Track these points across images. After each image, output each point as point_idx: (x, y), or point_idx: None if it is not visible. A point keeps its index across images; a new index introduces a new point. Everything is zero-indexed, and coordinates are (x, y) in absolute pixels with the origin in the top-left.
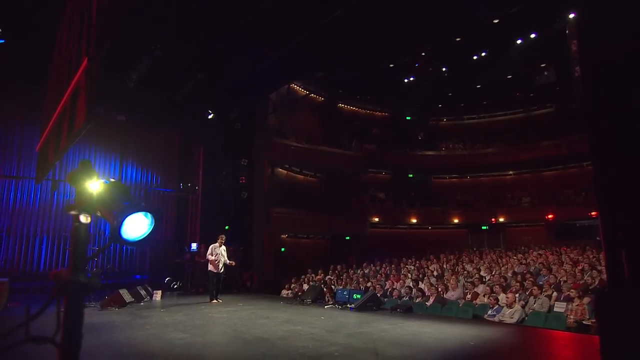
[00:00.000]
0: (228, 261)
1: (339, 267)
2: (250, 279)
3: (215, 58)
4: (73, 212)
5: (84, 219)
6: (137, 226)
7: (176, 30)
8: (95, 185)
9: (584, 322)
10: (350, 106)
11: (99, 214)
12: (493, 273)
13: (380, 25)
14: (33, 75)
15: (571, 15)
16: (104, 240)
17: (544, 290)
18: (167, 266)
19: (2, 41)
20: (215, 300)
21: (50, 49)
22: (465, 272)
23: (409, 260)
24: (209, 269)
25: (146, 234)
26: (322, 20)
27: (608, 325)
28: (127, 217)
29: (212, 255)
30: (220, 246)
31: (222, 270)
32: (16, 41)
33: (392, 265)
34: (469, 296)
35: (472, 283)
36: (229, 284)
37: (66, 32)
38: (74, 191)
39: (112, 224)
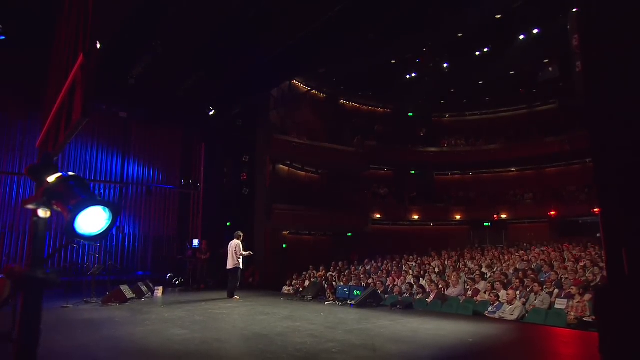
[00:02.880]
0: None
1: (340, 263)
2: (253, 276)
3: (216, 54)
4: (31, 206)
5: (42, 213)
6: (94, 221)
7: (177, 26)
8: (52, 179)
9: (584, 319)
10: (352, 102)
11: (55, 208)
12: (494, 270)
13: (382, 20)
14: (34, 71)
15: (574, 10)
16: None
17: (545, 287)
18: (169, 262)
19: (3, 37)
20: (236, 297)
21: (50, 44)
22: (466, 269)
23: (411, 257)
24: (240, 265)
25: (104, 229)
26: (323, 16)
27: (607, 321)
28: (81, 211)
29: (245, 252)
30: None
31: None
32: (17, 37)
33: (394, 262)
34: (469, 293)
35: (473, 280)
36: None
37: (64, 26)
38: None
39: (66, 218)
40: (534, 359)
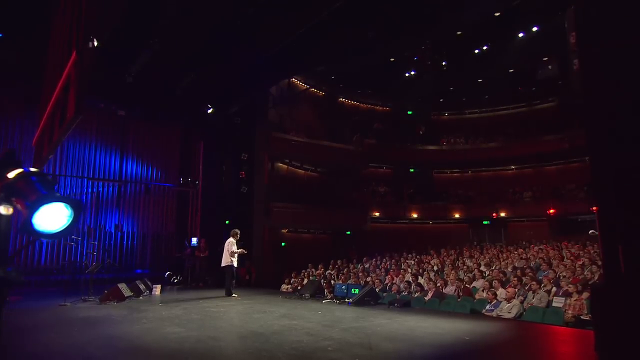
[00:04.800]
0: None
1: (339, 261)
2: (249, 273)
3: (215, 52)
4: None
5: (4, 210)
6: (55, 218)
7: (174, 24)
8: (12, 174)
9: (582, 317)
10: (351, 100)
11: (16, 204)
12: (493, 268)
13: (381, 18)
14: (32, 69)
15: (571, 7)
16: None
17: (543, 285)
18: (167, 261)
19: (1, 35)
20: (235, 295)
21: (48, 42)
22: (465, 267)
23: (409, 255)
24: (233, 264)
25: (65, 226)
26: (321, 13)
27: (603, 320)
28: (39, 207)
29: (238, 250)
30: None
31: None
32: (15, 35)
33: (392, 260)
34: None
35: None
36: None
37: (60, 25)
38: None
39: (24, 215)
40: (531, 357)
